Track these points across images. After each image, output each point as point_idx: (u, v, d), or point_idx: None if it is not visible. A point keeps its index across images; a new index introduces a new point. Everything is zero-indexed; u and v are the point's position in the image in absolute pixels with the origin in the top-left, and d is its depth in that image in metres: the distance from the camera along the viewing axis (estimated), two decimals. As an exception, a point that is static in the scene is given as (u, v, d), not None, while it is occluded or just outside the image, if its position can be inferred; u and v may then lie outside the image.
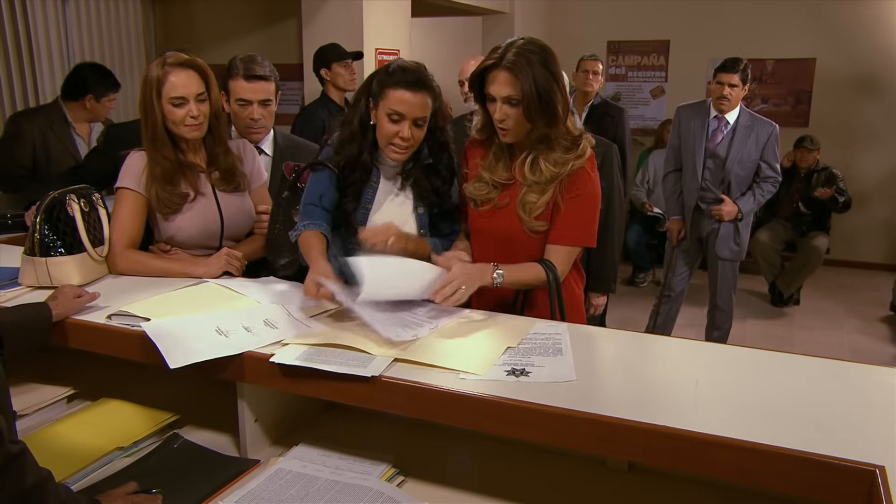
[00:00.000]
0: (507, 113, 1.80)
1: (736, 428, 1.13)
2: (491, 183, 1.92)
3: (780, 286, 5.70)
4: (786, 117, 6.61)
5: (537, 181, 1.85)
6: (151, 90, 2.00)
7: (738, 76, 3.85)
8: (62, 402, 1.81)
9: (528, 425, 1.24)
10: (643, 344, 1.65)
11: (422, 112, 1.88)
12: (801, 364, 1.44)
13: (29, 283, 1.92)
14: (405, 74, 1.86)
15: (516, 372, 1.36)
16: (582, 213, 1.88)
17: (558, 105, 1.80)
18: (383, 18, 4.99)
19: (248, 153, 2.28)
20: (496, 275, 1.77)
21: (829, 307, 5.72)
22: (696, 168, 4.05)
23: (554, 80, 1.79)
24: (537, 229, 1.87)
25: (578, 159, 1.85)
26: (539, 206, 1.85)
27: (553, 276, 1.85)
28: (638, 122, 7.21)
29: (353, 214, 1.98)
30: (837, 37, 6.55)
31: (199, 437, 1.65)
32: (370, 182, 1.99)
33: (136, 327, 1.57)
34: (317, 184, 1.97)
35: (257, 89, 2.39)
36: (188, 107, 2.01)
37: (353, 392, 1.37)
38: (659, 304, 4.39)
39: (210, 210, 2.14)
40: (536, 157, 1.85)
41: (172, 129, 2.05)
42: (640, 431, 1.15)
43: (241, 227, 2.22)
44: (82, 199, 1.98)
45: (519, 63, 1.76)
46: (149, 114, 2.03)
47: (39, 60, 5.51)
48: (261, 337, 1.53)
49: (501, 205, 1.91)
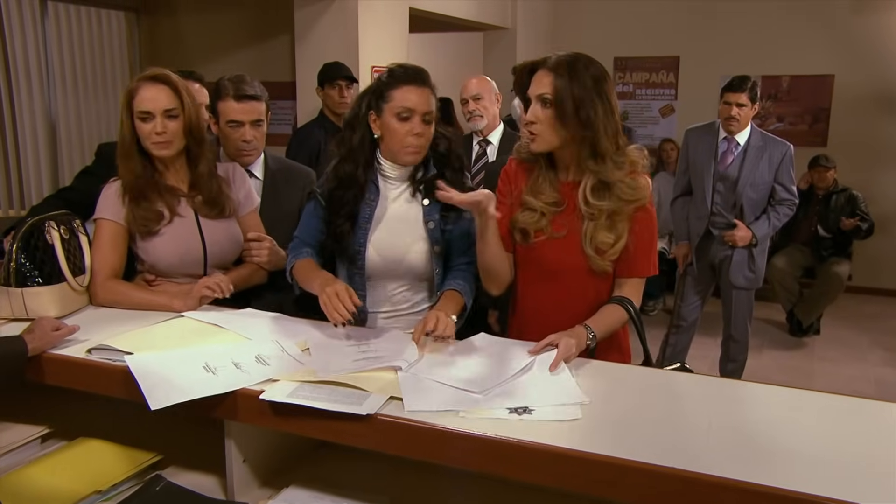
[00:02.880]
0: (537, 115, 1.80)
1: (751, 471, 1.13)
2: (540, 210, 1.89)
3: (799, 315, 5.70)
4: (803, 136, 6.67)
5: (601, 208, 1.81)
6: (123, 103, 2.06)
7: (745, 95, 3.88)
8: (36, 443, 1.80)
9: (530, 466, 1.25)
10: (653, 379, 1.65)
11: (429, 106, 1.94)
12: (821, 402, 1.45)
13: (3, 315, 1.92)
14: (406, 72, 1.95)
15: (518, 410, 1.36)
16: (648, 242, 1.90)
17: (599, 121, 1.77)
18: (380, 35, 5.05)
19: (238, 177, 2.29)
20: (590, 339, 1.75)
21: (851, 337, 5.71)
22: (705, 192, 4.07)
23: (598, 94, 1.77)
24: (606, 269, 1.86)
25: (641, 189, 1.83)
26: (615, 251, 1.84)
27: (634, 312, 1.87)
28: (647, 141, 7.24)
29: (350, 238, 2.00)
30: (857, 52, 6.62)
31: (183, 479, 1.64)
32: (366, 200, 2.01)
33: (118, 362, 1.57)
34: (304, 218, 2.10)
35: (248, 110, 2.42)
36: (154, 122, 2.03)
37: (347, 431, 1.37)
38: (668, 335, 4.39)
39: (191, 235, 2.15)
40: (602, 180, 1.81)
41: (143, 146, 2.08)
42: (650, 474, 1.16)
43: (228, 254, 2.23)
44: (62, 226, 1.98)
45: (561, 64, 1.79)
46: (121, 126, 2.08)
47: (17, 77, 5.54)
48: (251, 374, 1.53)
49: (558, 235, 1.88)
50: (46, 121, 5.79)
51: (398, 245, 2.01)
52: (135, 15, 6.48)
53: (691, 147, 4.18)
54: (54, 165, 5.85)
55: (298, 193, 2.50)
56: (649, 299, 6.35)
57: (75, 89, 5.96)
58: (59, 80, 5.85)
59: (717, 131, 4.06)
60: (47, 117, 5.79)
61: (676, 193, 4.33)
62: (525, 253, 1.94)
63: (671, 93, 7.36)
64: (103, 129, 6.16)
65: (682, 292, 4.32)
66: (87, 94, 6.06)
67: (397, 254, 2.01)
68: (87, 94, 6.07)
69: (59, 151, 5.87)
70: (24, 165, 5.63)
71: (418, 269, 2.04)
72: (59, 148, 5.86)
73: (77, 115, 6.00)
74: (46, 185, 5.71)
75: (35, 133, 5.70)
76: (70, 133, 5.95)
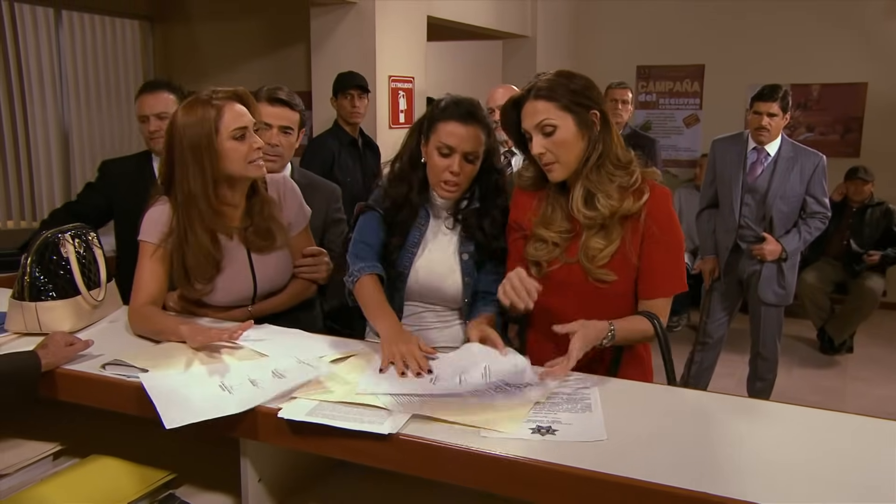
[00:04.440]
0: (544, 145, 1.81)
1: (782, 496, 1.13)
2: (551, 242, 1.89)
3: (831, 332, 5.65)
4: (834, 147, 6.63)
5: (594, 218, 1.83)
6: (205, 133, 1.93)
7: (777, 105, 3.85)
8: (47, 460, 1.82)
9: (554, 489, 1.24)
10: (679, 399, 1.65)
11: (473, 146, 1.95)
12: (855, 424, 1.44)
13: (16, 330, 1.94)
14: (457, 108, 1.96)
15: (542, 430, 1.37)
16: (673, 258, 1.89)
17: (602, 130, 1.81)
18: (397, 44, 5.08)
19: (290, 191, 2.23)
20: (609, 334, 1.75)
21: (886, 356, 5.65)
22: (733, 204, 4.05)
23: (588, 95, 1.81)
24: (603, 279, 1.85)
25: (638, 195, 1.83)
26: (605, 255, 1.84)
27: (661, 329, 1.85)
28: (670, 153, 7.23)
29: (397, 255, 2.04)
30: (892, 58, 6.57)
31: (197, 499, 1.66)
32: (417, 222, 2.06)
33: (133, 378, 1.59)
34: (366, 225, 2.07)
35: (279, 114, 2.43)
36: (250, 138, 1.97)
37: (367, 450, 1.37)
38: (694, 352, 4.37)
39: (243, 278, 2.10)
40: (589, 189, 1.84)
41: (230, 171, 1.98)
42: (677, 498, 1.15)
43: (277, 286, 2.19)
44: (77, 240, 2.01)
45: (550, 86, 1.80)
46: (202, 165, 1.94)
47: (30, 85, 5.62)
48: (266, 390, 1.54)
49: (572, 260, 1.88)
50: (59, 131, 5.87)
51: (436, 272, 2.06)
52: (149, 24, 6.57)
53: (718, 158, 4.16)
54: (67, 176, 5.92)
55: (323, 209, 2.53)
56: (673, 315, 6.30)
57: (88, 99, 6.04)
58: (73, 90, 5.93)
59: (745, 141, 4.04)
60: (60, 127, 5.87)
61: (703, 206, 4.31)
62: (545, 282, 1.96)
63: (696, 102, 7.34)
64: (116, 139, 6.23)
65: (709, 308, 4.30)
66: (100, 104, 6.13)
67: (434, 280, 2.06)
68: (101, 104, 6.14)
69: (72, 162, 5.94)
70: (37, 176, 5.70)
71: (450, 297, 2.09)
72: (72, 158, 5.94)
73: (90, 125, 6.08)
74: (59, 196, 5.78)
75: (48, 143, 5.78)
76: (83, 143, 6.03)
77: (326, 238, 2.55)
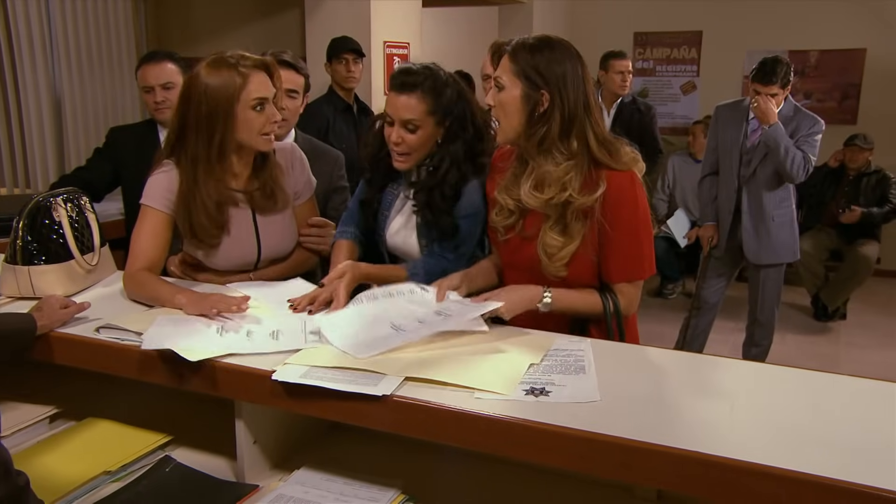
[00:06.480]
0: (494, 98, 1.81)
1: (776, 455, 1.13)
2: (507, 208, 1.85)
3: (825, 299, 5.67)
4: (831, 114, 6.58)
5: (534, 202, 1.77)
6: (226, 102, 1.92)
7: (777, 86, 3.77)
8: (44, 423, 1.83)
9: (547, 449, 1.25)
10: (673, 361, 1.65)
11: (407, 114, 1.94)
12: (848, 385, 1.44)
13: (10, 294, 1.94)
14: (395, 77, 1.97)
15: (535, 391, 1.37)
16: (634, 243, 1.81)
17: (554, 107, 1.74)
18: (392, 9, 5.02)
19: (298, 162, 2.23)
20: (545, 296, 1.75)
21: (879, 322, 5.68)
22: (732, 168, 4.03)
23: (544, 75, 1.73)
24: (560, 275, 1.81)
25: (591, 188, 1.75)
26: (564, 255, 1.78)
27: (613, 306, 1.81)
28: (667, 120, 7.19)
29: (377, 216, 2.14)
30: (891, 25, 6.51)
31: (193, 460, 1.66)
32: (392, 187, 2.14)
33: (127, 341, 1.59)
34: (358, 190, 2.21)
35: (285, 77, 2.38)
36: (268, 108, 1.97)
37: (361, 412, 1.38)
38: (689, 318, 4.38)
39: (247, 240, 2.10)
40: (533, 169, 1.79)
41: (245, 140, 1.99)
42: (670, 457, 1.16)
43: (281, 252, 2.19)
44: (69, 204, 1.99)
45: (516, 48, 1.78)
46: (218, 129, 1.95)
47: (21, 57, 5.54)
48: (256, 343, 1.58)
49: (528, 235, 1.85)
50: (51, 97, 5.80)
51: (401, 234, 2.14)
52: (140, -12, 6.46)
53: (721, 124, 4.13)
54: (60, 143, 5.86)
55: (326, 175, 2.52)
56: (668, 282, 6.33)
57: (80, 65, 5.95)
58: (64, 56, 5.83)
59: (746, 109, 4.01)
60: (52, 94, 5.80)
61: (705, 172, 4.28)
62: (501, 255, 1.97)
63: (693, 69, 7.29)
64: (109, 106, 6.17)
65: (705, 274, 4.30)
66: (92, 71, 6.04)
67: (399, 243, 2.15)
68: (93, 71, 6.06)
69: (65, 129, 5.88)
70: (29, 143, 5.64)
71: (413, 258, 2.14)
72: (65, 125, 5.87)
73: (82, 92, 6.00)
74: (52, 163, 5.72)
75: (40, 110, 5.71)
76: (76, 110, 5.96)
77: (329, 206, 2.54)
